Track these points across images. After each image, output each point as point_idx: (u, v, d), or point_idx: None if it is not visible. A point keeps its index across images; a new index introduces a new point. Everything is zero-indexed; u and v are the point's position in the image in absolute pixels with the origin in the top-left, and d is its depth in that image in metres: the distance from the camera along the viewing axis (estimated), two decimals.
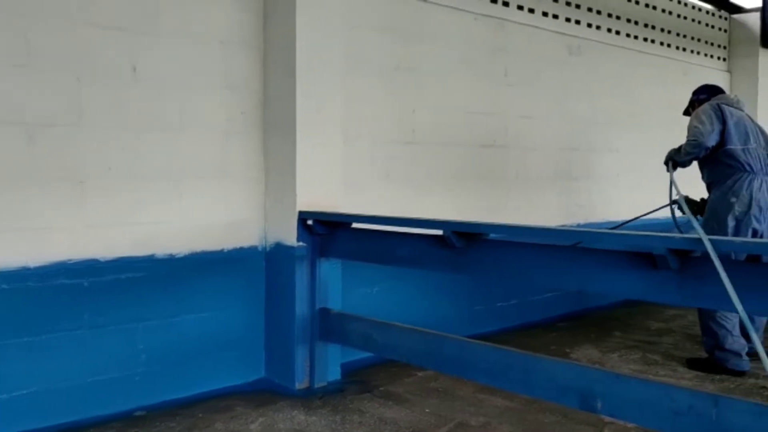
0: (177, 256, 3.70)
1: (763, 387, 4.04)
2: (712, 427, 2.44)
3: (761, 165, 4.32)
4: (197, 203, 3.78)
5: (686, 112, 4.85)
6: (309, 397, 3.79)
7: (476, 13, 5.18)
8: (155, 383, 3.64)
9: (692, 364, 4.43)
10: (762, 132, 4.49)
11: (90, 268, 3.42)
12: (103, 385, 3.47)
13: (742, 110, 4.51)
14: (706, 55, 7.74)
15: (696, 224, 3.34)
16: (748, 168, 4.29)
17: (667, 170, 4.56)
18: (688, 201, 4.77)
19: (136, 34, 3.53)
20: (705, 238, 2.41)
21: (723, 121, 4.31)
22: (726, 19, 8.03)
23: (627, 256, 2.71)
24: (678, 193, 4.27)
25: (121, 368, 3.53)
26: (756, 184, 4.27)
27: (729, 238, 3.83)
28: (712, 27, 7.85)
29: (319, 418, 3.51)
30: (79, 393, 3.39)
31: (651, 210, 4.97)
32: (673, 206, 4.65)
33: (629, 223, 5.21)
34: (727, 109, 4.38)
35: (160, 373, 3.66)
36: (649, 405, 2.62)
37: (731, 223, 4.26)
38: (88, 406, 3.41)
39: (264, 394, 3.84)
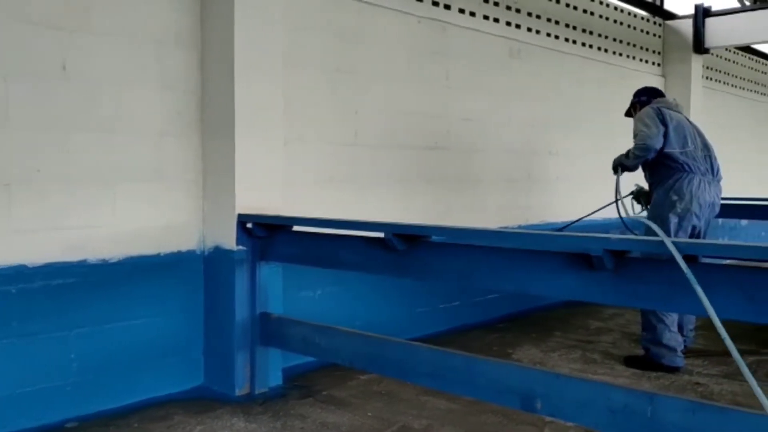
0: (110, 261, 3.58)
1: (697, 383, 4.15)
2: (647, 425, 2.49)
3: (699, 166, 4.48)
4: (132, 206, 3.67)
5: (628, 114, 4.99)
6: (249, 404, 3.72)
7: (419, 16, 5.19)
8: (88, 393, 3.51)
9: (629, 362, 4.53)
10: (699, 134, 4.65)
11: (18, 274, 3.27)
12: (32, 396, 3.33)
13: (680, 113, 4.68)
14: (641, 60, 7.95)
15: (656, 227, 3.45)
16: (687, 168, 4.45)
17: (614, 174, 4.69)
18: (642, 192, 4.92)
19: (66, 31, 3.40)
20: (668, 241, 2.41)
21: (664, 125, 4.45)
22: (660, 25, 8.27)
23: (565, 257, 2.74)
24: (619, 194, 4.44)
25: (51, 378, 3.40)
26: (695, 183, 4.44)
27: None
28: (647, 33, 8.07)
29: (260, 424, 3.44)
30: (6, 405, 3.24)
31: (598, 208, 5.00)
32: (620, 204, 4.79)
33: (575, 224, 5.30)
34: (667, 112, 4.53)
35: (93, 383, 3.53)
36: (586, 404, 2.65)
37: (674, 219, 4.41)
38: (16, 419, 3.26)
39: (203, 401, 3.75)
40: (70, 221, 3.44)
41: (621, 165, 4.68)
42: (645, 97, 4.83)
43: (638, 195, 4.95)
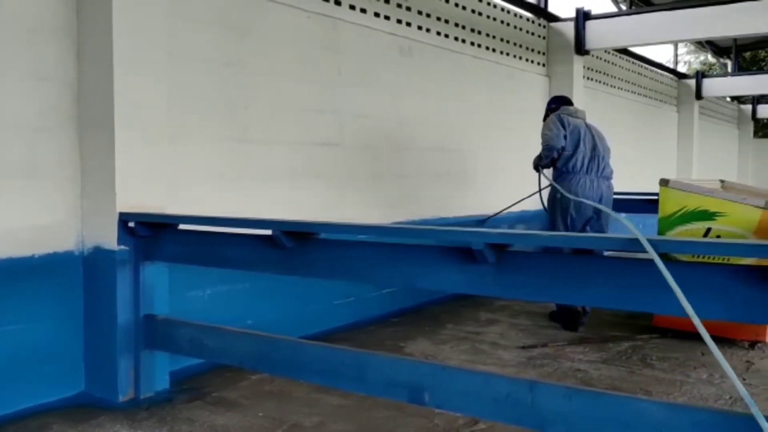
0: None
1: (578, 370, 4.35)
2: (528, 411, 2.59)
3: (583, 166, 5.35)
4: (2, 206, 3.44)
5: (545, 119, 5.75)
6: (134, 410, 3.58)
7: (309, 11, 5.15)
8: None
9: (552, 317, 5.56)
10: (593, 137, 5.46)
11: None
12: None
13: (580, 118, 5.55)
14: (527, 60, 8.23)
15: (629, 223, 3.64)
16: (572, 170, 5.35)
17: (536, 170, 5.69)
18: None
19: None
20: (642, 238, 2.38)
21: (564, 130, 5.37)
22: (545, 27, 8.59)
23: (449, 251, 2.80)
24: (550, 181, 5.35)
25: None
26: (579, 181, 5.34)
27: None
28: (533, 34, 8.36)
29: (145, 430, 3.32)
30: None
31: (523, 197, 5.67)
32: (542, 195, 5.78)
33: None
34: (566, 119, 5.43)
35: None
36: (471, 394, 2.72)
37: (560, 214, 5.29)
38: None
39: (84, 409, 3.58)
40: None
41: (538, 164, 5.60)
42: (554, 105, 5.75)
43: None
